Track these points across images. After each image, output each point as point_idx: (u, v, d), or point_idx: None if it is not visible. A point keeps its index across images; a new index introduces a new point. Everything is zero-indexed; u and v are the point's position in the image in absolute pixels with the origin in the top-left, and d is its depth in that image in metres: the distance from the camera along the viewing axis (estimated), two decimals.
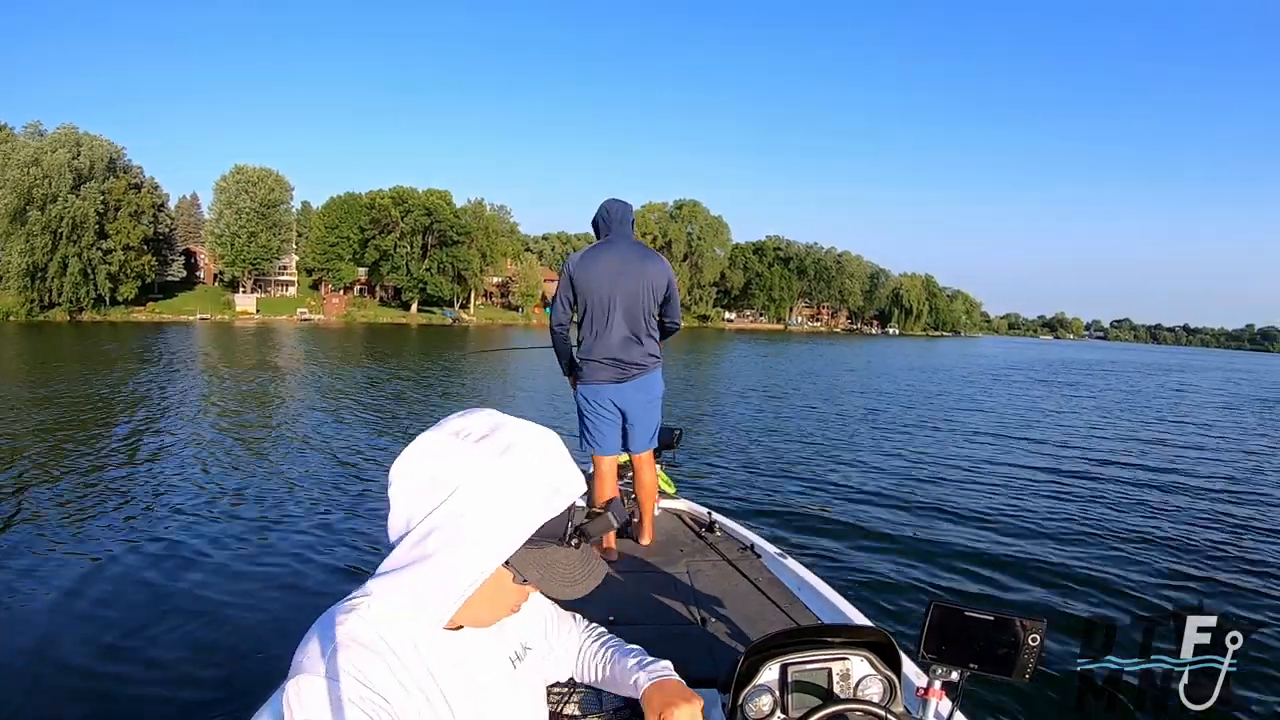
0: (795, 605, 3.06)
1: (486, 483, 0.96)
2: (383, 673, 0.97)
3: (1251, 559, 7.49)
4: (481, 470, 0.97)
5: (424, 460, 0.99)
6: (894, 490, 9.76)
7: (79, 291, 59.12)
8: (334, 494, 8.53)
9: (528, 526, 0.98)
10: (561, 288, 3.65)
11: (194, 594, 5.43)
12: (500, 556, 0.98)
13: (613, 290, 3.57)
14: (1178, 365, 68.54)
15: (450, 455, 0.98)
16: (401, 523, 1.00)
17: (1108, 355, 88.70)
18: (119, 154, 63.92)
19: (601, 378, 3.66)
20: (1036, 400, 24.38)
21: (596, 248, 3.66)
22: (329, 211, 79.34)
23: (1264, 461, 13.85)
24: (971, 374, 36.65)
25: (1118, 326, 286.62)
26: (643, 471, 3.80)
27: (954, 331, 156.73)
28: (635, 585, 3.30)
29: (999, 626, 1.58)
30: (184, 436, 11.62)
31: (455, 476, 0.96)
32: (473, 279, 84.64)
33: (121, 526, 6.96)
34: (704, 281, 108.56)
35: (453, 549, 0.96)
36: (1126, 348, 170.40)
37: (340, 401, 16.67)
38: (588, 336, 3.65)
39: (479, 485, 0.96)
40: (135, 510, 7.54)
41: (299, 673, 0.95)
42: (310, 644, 0.98)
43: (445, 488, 0.96)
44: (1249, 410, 24.99)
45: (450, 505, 0.96)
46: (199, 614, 5.08)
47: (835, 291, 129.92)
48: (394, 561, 0.99)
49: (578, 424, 3.80)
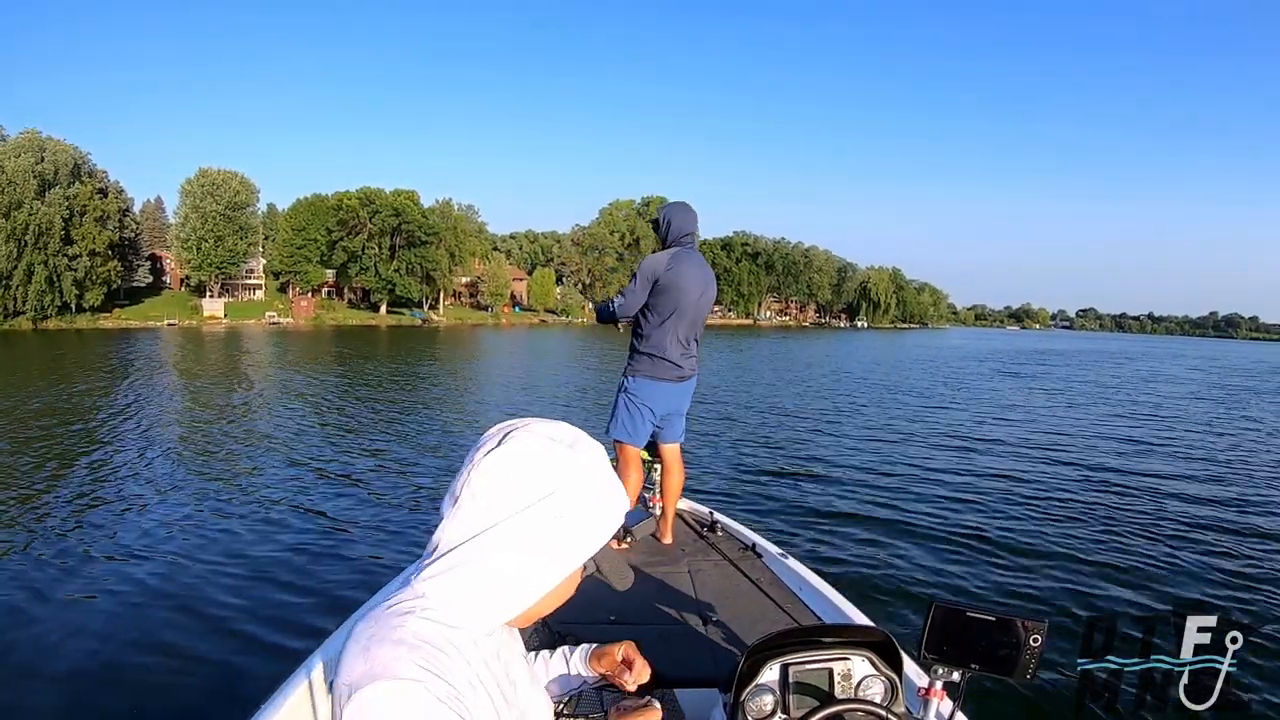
0: (797, 605, 3.09)
1: (585, 487, 1.01)
2: (458, 671, 0.97)
3: (1251, 559, 7.55)
4: (580, 475, 1.01)
5: (523, 461, 1.00)
6: (895, 490, 9.85)
7: (44, 299, 58.61)
8: (313, 499, 8.68)
9: (614, 528, 1.04)
10: (641, 286, 3.74)
11: (174, 602, 5.54)
12: (589, 555, 1.04)
13: (694, 297, 3.76)
14: (1140, 353, 69.72)
15: (551, 459, 1.01)
16: (482, 520, 0.99)
17: (1089, 345, 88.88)
18: (84, 159, 63.36)
19: (666, 376, 3.81)
20: (1031, 397, 24.29)
21: (682, 253, 3.77)
22: (296, 214, 79.14)
23: (1261, 459, 13.90)
24: (958, 369, 36.73)
25: (1083, 316, 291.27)
26: (678, 469, 4.00)
27: (922, 323, 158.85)
28: (636, 585, 4.18)
29: (1000, 627, 1.60)
30: (161, 447, 11.59)
31: (555, 480, 0.99)
32: (441, 279, 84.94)
33: (92, 534, 7.11)
34: None
35: (552, 548, 0.99)
36: (1093, 337, 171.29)
37: (322, 406, 16.66)
38: (659, 335, 3.77)
39: (578, 489, 1.00)
40: (104, 518, 7.69)
41: (377, 678, 0.90)
42: (376, 649, 0.94)
43: (544, 490, 0.98)
44: (1241, 402, 25.36)
45: (547, 506, 0.98)
46: (174, 624, 5.17)
47: (803, 286, 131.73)
48: (462, 559, 0.99)
49: (615, 410, 3.90)
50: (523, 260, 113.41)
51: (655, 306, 3.75)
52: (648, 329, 3.79)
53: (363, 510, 8.33)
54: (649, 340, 3.79)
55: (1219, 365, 52.63)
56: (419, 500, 8.80)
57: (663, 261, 3.71)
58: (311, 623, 5.21)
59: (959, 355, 50.43)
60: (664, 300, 3.72)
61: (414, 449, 12.13)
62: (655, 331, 3.76)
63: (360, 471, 10.28)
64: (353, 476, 9.97)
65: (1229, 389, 30.98)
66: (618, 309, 3.81)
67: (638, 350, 3.84)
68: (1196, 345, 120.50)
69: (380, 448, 12.09)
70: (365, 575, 6.24)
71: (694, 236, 3.83)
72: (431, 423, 15.11)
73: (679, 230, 3.81)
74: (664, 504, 3.94)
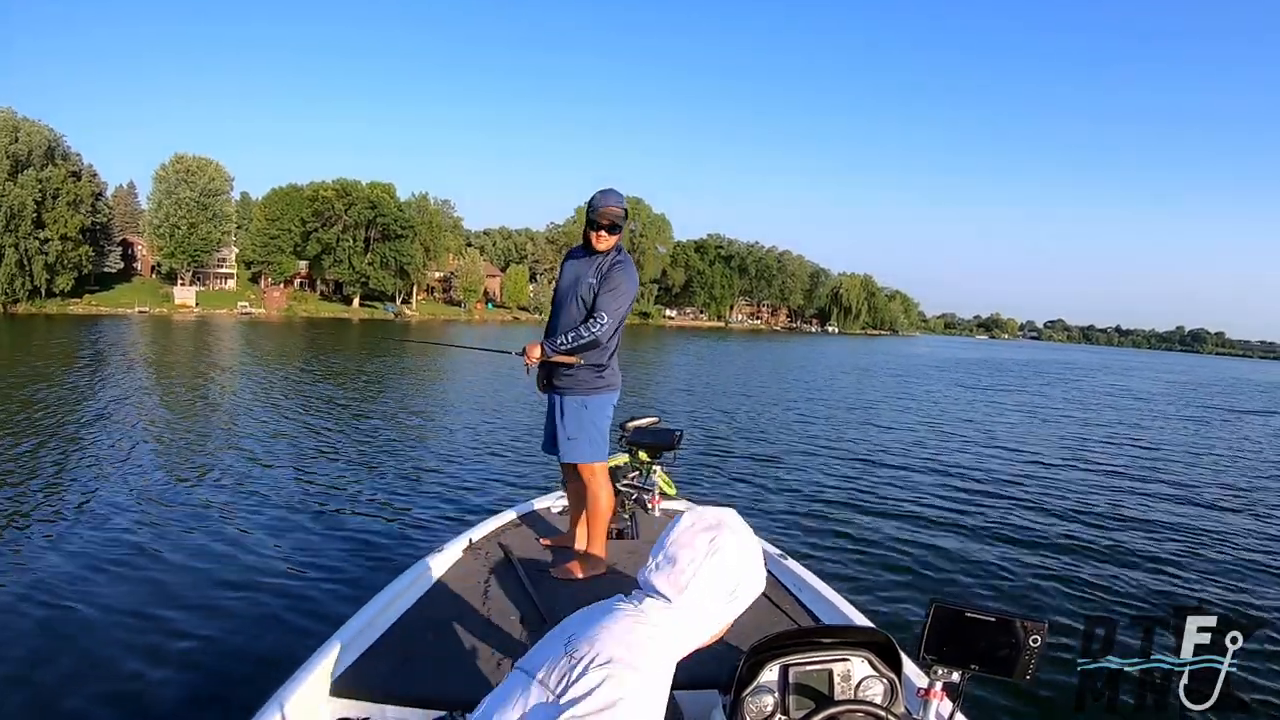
0: (796, 606, 3.11)
1: (759, 581, 1.46)
2: (669, 675, 1.35)
3: (1251, 559, 7.59)
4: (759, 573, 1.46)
5: (734, 572, 1.42)
6: (895, 491, 9.91)
7: (15, 283, 58.19)
8: (293, 497, 8.56)
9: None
10: (630, 302, 3.52)
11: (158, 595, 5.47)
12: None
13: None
14: (1133, 366, 70.23)
15: (749, 568, 1.45)
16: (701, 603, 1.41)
17: (1065, 356, 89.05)
18: (58, 141, 62.71)
19: (619, 383, 3.72)
20: (1021, 401, 24.66)
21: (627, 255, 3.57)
22: (270, 203, 78.74)
23: (1261, 459, 14.26)
24: (945, 375, 37.30)
25: (1051, 327, 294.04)
26: (604, 486, 3.71)
27: (892, 330, 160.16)
28: (635, 586, 4.04)
29: (1000, 627, 1.62)
30: (135, 438, 11.42)
31: (751, 585, 1.45)
32: (415, 273, 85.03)
33: (60, 527, 7.01)
34: (645, 279, 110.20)
35: (724, 609, 1.44)
36: (1061, 348, 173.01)
37: (307, 401, 16.55)
38: (613, 345, 3.59)
39: (756, 583, 1.46)
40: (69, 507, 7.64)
41: (623, 666, 1.26)
42: (633, 649, 1.30)
43: (738, 591, 1.43)
44: (1235, 412, 26.11)
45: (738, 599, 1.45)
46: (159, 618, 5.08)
47: (776, 290, 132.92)
48: (672, 603, 1.40)
49: (595, 434, 3.63)
50: (496, 257, 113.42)
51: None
52: (611, 343, 3.56)
53: (335, 506, 8.29)
54: (608, 352, 3.56)
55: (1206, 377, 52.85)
56: (389, 493, 8.93)
57: (633, 270, 3.54)
58: (287, 615, 5.23)
59: (954, 361, 50.69)
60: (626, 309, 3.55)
61: (380, 440, 12.27)
62: (611, 344, 3.56)
63: (327, 461, 10.45)
64: (322, 462, 10.18)
65: (1217, 396, 31.72)
66: (605, 333, 3.44)
67: (590, 364, 3.52)
68: (1163, 359, 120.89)
69: (343, 439, 12.19)
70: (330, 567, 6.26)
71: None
72: (396, 412, 15.38)
73: (618, 224, 3.50)
74: (592, 526, 3.69)
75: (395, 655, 2.67)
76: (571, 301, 3.53)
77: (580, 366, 3.49)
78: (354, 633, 2.72)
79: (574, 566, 3.57)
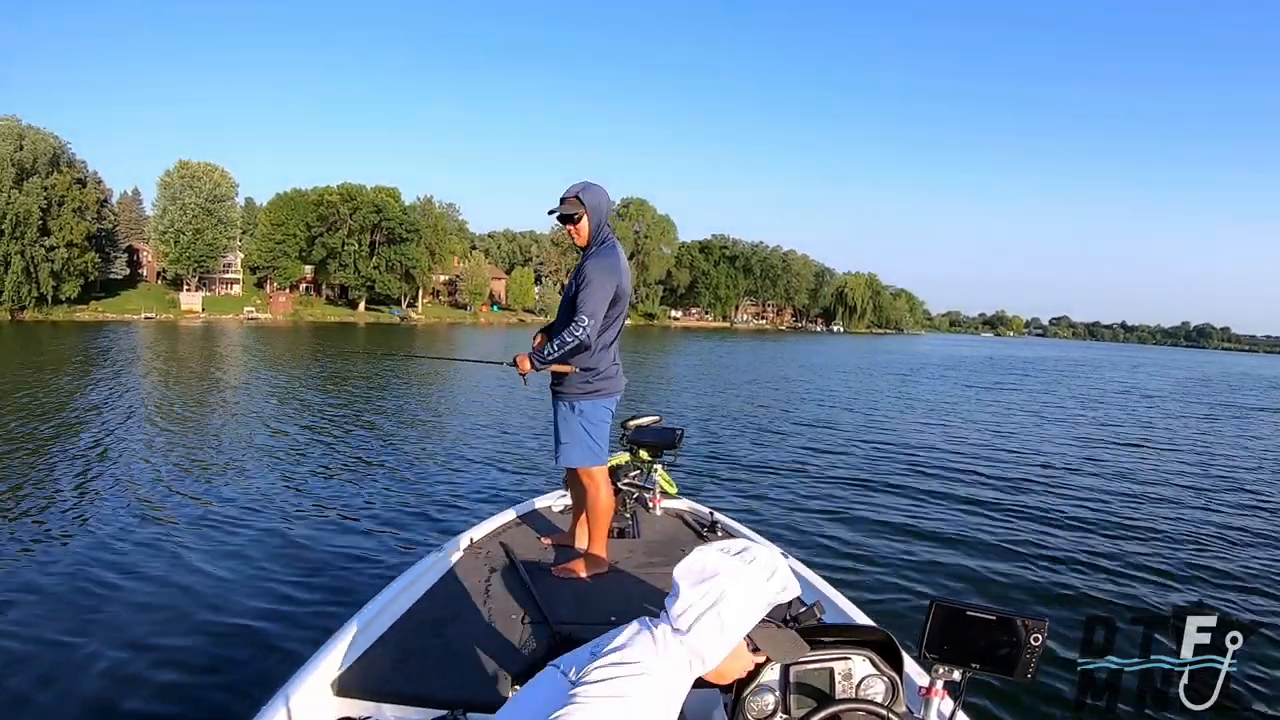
0: (797, 605, 3.25)
1: (749, 588, 1.47)
2: (681, 692, 1.45)
3: (1252, 559, 7.55)
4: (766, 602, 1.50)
5: (748, 608, 1.49)
6: (895, 490, 9.90)
7: (21, 290, 58.43)
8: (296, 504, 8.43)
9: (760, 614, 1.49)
10: (608, 294, 3.33)
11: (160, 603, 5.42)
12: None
13: (628, 295, 3.46)
14: (1142, 362, 69.19)
15: (758, 602, 1.49)
16: (718, 632, 1.46)
17: (1070, 353, 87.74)
18: (63, 148, 62.98)
19: (619, 386, 3.59)
20: (1026, 400, 24.51)
21: (618, 247, 3.45)
22: (275, 208, 79.13)
23: (1261, 460, 14.08)
24: (950, 375, 36.83)
25: (1056, 324, 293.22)
26: (603, 487, 3.66)
27: (897, 329, 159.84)
28: (636, 585, 3.39)
29: (1001, 626, 1.62)
30: (149, 445, 11.36)
31: (758, 610, 1.48)
32: (420, 277, 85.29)
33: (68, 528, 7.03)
34: (650, 280, 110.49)
35: (720, 634, 1.45)
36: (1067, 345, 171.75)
37: (323, 408, 16.31)
38: (607, 345, 3.47)
39: (743, 588, 1.47)
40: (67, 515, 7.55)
41: (639, 669, 1.39)
42: (646, 657, 1.42)
43: (716, 590, 1.45)
44: (1237, 409, 25.74)
45: (715, 602, 1.46)
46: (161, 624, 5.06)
47: (781, 290, 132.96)
48: (683, 633, 1.46)
49: (588, 439, 3.53)
50: (501, 259, 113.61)
51: (608, 316, 3.39)
52: (599, 343, 3.42)
53: (336, 505, 8.34)
54: (597, 354, 3.44)
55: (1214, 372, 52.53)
56: (390, 494, 8.93)
57: (621, 263, 3.39)
58: (286, 622, 5.19)
59: (956, 360, 50.73)
60: (616, 308, 3.41)
61: (390, 444, 12.28)
62: (602, 343, 3.45)
63: (339, 465, 10.43)
64: (331, 469, 10.12)
65: (1223, 394, 31.50)
66: (589, 334, 3.28)
67: (585, 368, 3.43)
68: (1170, 354, 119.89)
69: (353, 442, 12.23)
70: (333, 573, 6.21)
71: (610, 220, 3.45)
72: (399, 415, 15.43)
73: (607, 214, 3.41)
74: (593, 526, 3.66)
75: (397, 654, 2.68)
76: (565, 305, 3.47)
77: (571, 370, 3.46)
78: (356, 632, 2.73)
79: (575, 565, 3.58)
